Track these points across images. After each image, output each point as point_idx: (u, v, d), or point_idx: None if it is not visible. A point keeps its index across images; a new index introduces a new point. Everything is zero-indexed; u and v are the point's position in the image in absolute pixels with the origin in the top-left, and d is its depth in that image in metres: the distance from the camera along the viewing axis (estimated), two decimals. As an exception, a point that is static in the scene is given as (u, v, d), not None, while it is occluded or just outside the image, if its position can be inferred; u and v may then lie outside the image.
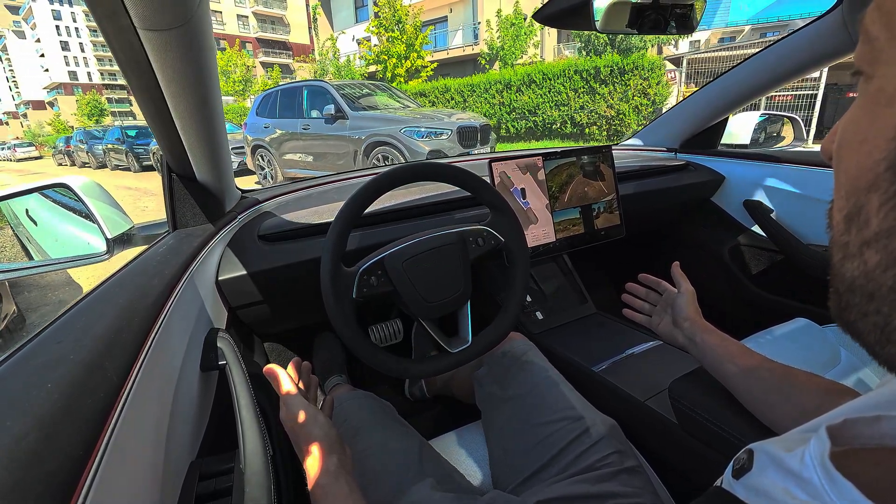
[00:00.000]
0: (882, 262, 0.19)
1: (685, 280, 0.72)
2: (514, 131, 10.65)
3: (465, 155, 4.93)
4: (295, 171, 6.09)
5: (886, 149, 0.18)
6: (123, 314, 0.43)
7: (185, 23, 0.41)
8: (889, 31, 0.18)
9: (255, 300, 0.85)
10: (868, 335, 0.21)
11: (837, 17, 0.93)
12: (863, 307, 0.20)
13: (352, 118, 5.42)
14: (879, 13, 0.19)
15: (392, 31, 13.91)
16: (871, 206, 0.19)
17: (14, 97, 59.50)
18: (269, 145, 6.31)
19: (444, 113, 5.92)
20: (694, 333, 0.65)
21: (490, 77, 11.02)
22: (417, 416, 1.22)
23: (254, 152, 6.68)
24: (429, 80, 13.78)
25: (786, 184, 1.25)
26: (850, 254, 0.21)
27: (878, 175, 0.19)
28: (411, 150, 4.95)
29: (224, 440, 0.62)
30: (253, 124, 6.57)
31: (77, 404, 0.30)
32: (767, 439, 0.32)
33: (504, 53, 13.32)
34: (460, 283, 0.71)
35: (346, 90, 5.83)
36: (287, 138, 6.10)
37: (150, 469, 0.39)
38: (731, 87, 1.23)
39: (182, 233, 0.76)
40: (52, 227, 1.14)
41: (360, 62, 17.01)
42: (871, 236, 0.19)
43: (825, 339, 0.85)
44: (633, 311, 0.78)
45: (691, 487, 0.69)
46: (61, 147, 17.84)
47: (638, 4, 0.81)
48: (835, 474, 0.23)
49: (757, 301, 1.33)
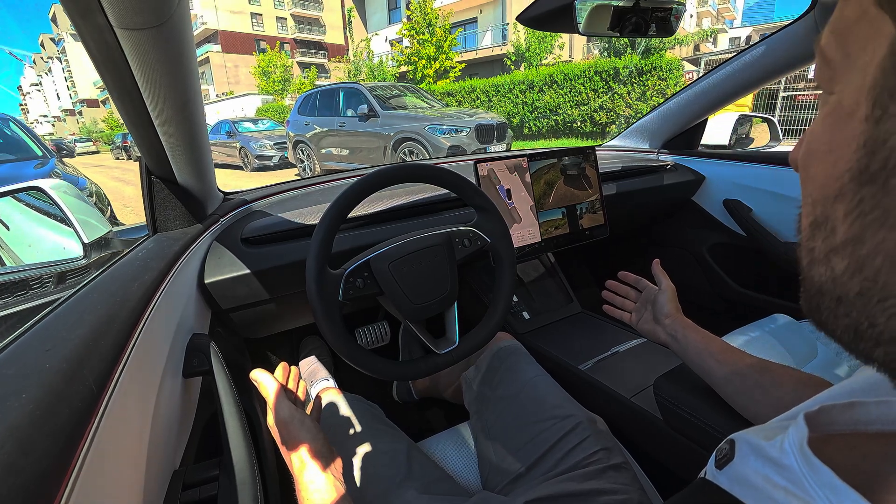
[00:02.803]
0: (849, 269, 0.19)
1: (665, 277, 0.72)
2: (535, 129, 10.95)
3: (481, 151, 5.47)
4: (331, 164, 6.80)
5: (851, 160, 0.19)
6: (102, 320, 0.42)
7: (164, 22, 0.40)
8: (842, 52, 0.19)
9: (239, 304, 0.84)
10: (841, 334, 0.21)
11: (810, 22, 0.97)
12: (833, 309, 0.21)
13: (382, 116, 6.08)
14: (833, 36, 0.20)
15: (423, 33, 14.56)
16: (838, 215, 0.20)
17: (71, 96, 61.29)
18: (309, 141, 7.04)
19: (466, 112, 6.56)
20: (675, 330, 0.66)
21: (514, 78, 11.33)
22: (405, 418, 1.22)
23: (295, 147, 7.44)
24: (456, 81, 14.28)
25: (764, 183, 1.28)
26: (817, 259, 0.21)
27: (844, 185, 0.19)
28: (434, 145, 5.54)
29: (208, 447, 0.61)
30: (295, 122, 7.31)
31: (54, 414, 0.29)
32: (748, 429, 0.32)
33: (530, 55, 13.64)
34: (447, 284, 0.71)
35: (377, 91, 6.54)
36: (325, 134, 6.82)
37: (131, 479, 0.38)
38: (710, 89, 1.26)
39: (162, 236, 0.74)
40: (25, 231, 1.11)
41: (391, 63, 17.45)
42: (838, 244, 0.20)
43: (803, 334, 0.87)
44: (614, 307, 0.79)
45: (677, 481, 0.70)
46: (118, 142, 19.35)
47: (619, 7, 0.82)
48: (813, 460, 0.24)
49: (737, 298, 1.36)
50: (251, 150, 9.05)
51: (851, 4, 0.19)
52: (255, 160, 9.00)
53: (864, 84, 0.18)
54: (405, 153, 5.83)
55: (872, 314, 0.19)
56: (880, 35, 0.17)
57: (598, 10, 0.83)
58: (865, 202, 0.18)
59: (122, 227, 3.14)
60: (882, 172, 0.17)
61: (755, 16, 17.50)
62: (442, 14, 14.96)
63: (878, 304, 0.18)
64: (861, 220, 0.19)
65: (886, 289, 0.18)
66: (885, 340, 0.19)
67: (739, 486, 0.28)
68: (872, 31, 0.18)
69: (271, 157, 8.94)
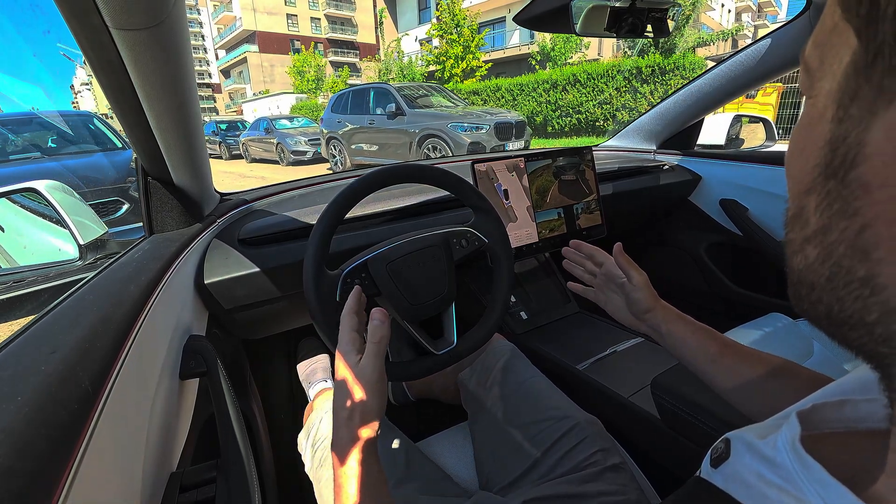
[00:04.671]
0: (819, 256, 0.21)
1: (633, 267, 0.62)
2: (558, 128, 11.09)
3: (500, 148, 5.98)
4: (361, 159, 7.40)
5: (818, 156, 0.21)
6: (98, 322, 0.41)
7: (160, 23, 0.40)
8: (819, 60, 0.21)
9: (236, 305, 0.84)
10: (820, 321, 0.23)
11: (805, 23, 0.97)
12: (810, 296, 0.23)
13: (409, 115, 6.60)
14: (814, 46, 0.22)
15: (451, 33, 15.10)
16: (810, 207, 0.21)
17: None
18: (341, 137, 7.68)
19: (488, 111, 6.97)
20: (658, 324, 0.59)
21: (538, 77, 11.49)
22: (404, 418, 1.22)
23: (328, 143, 8.10)
24: (482, 80, 14.63)
25: (760, 183, 1.29)
26: (794, 250, 0.23)
27: (814, 179, 0.21)
28: (455, 141, 6.00)
29: (206, 449, 0.61)
30: (328, 119, 7.97)
31: (50, 417, 0.29)
32: (743, 427, 0.33)
33: (555, 54, 13.81)
34: (445, 284, 0.71)
35: (405, 91, 7.07)
36: (355, 131, 7.42)
37: (127, 482, 0.38)
38: (706, 89, 1.27)
39: (159, 237, 0.74)
40: (20, 232, 1.10)
41: (420, 62, 17.83)
42: (811, 234, 0.22)
43: (798, 332, 0.88)
44: (577, 283, 0.72)
45: (675, 481, 0.70)
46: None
47: (616, 8, 0.83)
48: (805, 457, 0.24)
49: (733, 297, 1.37)
50: (287, 146, 9.68)
51: (827, 17, 0.21)
52: (290, 155, 9.61)
53: (832, 89, 0.20)
54: (429, 149, 6.29)
55: (841, 298, 0.20)
56: (846, 44, 0.19)
57: (595, 10, 0.83)
58: (831, 194, 0.20)
59: (118, 228, 3.13)
60: (842, 167, 0.19)
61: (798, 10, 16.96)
62: (470, 14, 15.39)
63: (844, 287, 0.20)
64: (828, 211, 0.20)
65: (850, 273, 0.20)
66: (855, 324, 0.20)
67: (733, 484, 0.29)
68: (841, 41, 0.19)
69: (306, 152, 9.52)
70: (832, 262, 0.20)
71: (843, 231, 0.20)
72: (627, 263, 0.62)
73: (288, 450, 0.86)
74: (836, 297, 0.21)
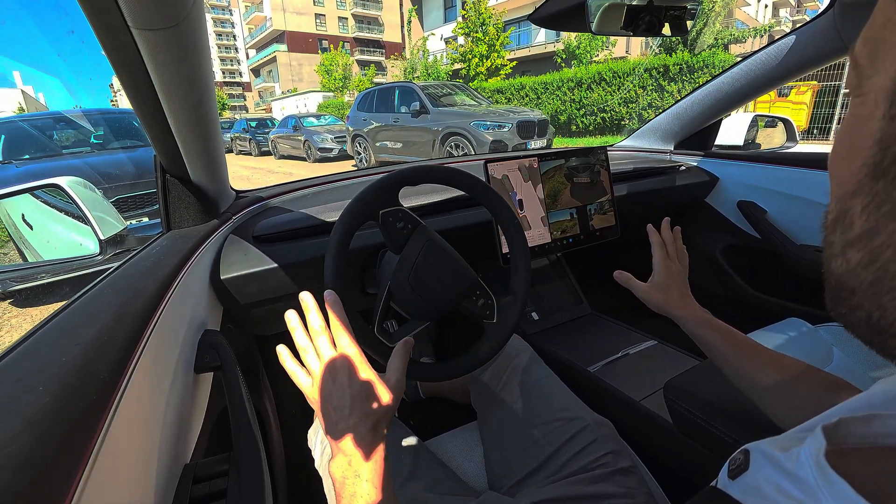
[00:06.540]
0: (863, 261, 0.20)
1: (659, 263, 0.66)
2: (583, 126, 10.99)
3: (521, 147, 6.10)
4: (385, 156, 7.54)
5: (867, 156, 0.20)
6: (116, 316, 0.42)
7: (179, 23, 0.40)
8: (870, 58, 0.21)
9: (250, 301, 0.85)
10: (858, 327, 0.22)
11: (829, 21, 0.94)
12: (848, 301, 0.22)
13: (432, 113, 6.72)
14: (864, 42, 0.21)
15: (477, 32, 15.11)
16: (856, 210, 0.21)
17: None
18: (366, 135, 7.85)
19: (511, 109, 7.06)
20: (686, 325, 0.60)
21: (563, 75, 11.40)
22: (413, 416, 1.22)
23: (353, 140, 8.29)
24: (506, 79, 14.63)
25: (779, 185, 1.26)
26: (835, 254, 0.23)
27: (861, 180, 0.20)
28: (478, 139, 6.09)
29: (219, 442, 0.62)
30: (354, 117, 8.12)
31: (69, 407, 0.30)
32: (763, 440, 0.32)
33: (580, 52, 13.72)
34: (465, 273, 0.70)
35: (429, 90, 7.18)
36: (380, 129, 7.57)
37: (143, 472, 0.38)
38: (725, 88, 1.24)
39: (176, 234, 0.75)
40: (43, 228, 1.13)
41: (446, 61, 17.99)
42: (854, 237, 0.21)
43: (818, 338, 0.85)
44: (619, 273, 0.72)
45: (686, 487, 0.69)
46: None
47: (633, 6, 0.81)
48: (829, 472, 0.23)
49: (750, 301, 1.34)
50: (314, 143, 10.00)
51: (880, 12, 0.20)
52: (317, 152, 9.93)
53: (885, 86, 0.19)
54: (452, 147, 6.40)
55: (883, 304, 0.20)
56: None
57: (611, 8, 0.82)
58: (879, 196, 0.19)
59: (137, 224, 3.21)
60: (892, 166, 0.19)
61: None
62: (495, 13, 15.39)
63: (888, 293, 0.20)
64: (876, 213, 0.20)
65: None
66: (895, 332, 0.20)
67: (751, 497, 0.28)
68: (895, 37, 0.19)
69: (332, 149, 9.80)
70: (877, 267, 0.20)
71: (893, 234, 0.19)
72: (658, 257, 0.68)
73: (298, 445, 0.87)
74: (878, 303, 0.20)
